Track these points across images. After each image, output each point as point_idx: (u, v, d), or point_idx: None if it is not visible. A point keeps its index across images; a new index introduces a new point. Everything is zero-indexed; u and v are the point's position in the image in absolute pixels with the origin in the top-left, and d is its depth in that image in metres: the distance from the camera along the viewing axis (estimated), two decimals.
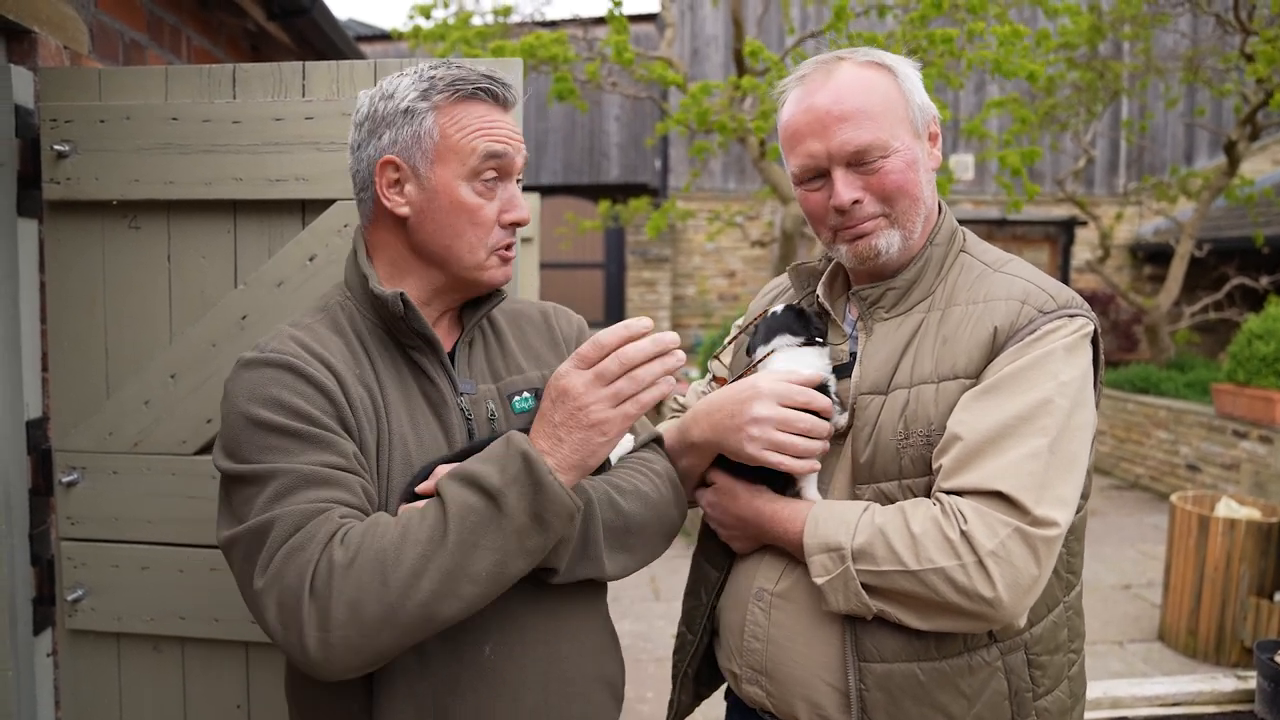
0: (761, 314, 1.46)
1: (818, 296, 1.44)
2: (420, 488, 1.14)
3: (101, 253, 1.77)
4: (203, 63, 2.25)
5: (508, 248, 1.27)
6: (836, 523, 1.23)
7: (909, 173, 1.29)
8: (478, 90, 1.21)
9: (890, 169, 1.27)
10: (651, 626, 4.71)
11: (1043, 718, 1.28)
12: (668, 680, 1.62)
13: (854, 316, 1.40)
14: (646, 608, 4.99)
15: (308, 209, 1.74)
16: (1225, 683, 2.76)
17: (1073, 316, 1.25)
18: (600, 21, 7.94)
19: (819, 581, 1.22)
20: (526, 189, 3.19)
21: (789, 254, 6.86)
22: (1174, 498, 4.65)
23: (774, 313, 1.40)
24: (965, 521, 1.14)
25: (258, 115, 1.70)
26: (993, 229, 10.51)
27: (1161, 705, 2.69)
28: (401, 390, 1.23)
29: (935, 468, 1.22)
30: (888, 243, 1.31)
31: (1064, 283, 1.58)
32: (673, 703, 1.57)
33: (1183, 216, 9.27)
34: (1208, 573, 4.35)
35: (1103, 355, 1.31)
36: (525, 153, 1.29)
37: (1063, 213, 10.64)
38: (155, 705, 1.83)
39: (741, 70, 6.43)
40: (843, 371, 1.35)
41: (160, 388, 1.75)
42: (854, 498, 1.29)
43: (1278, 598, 4.21)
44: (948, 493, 1.19)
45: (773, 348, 1.36)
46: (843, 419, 1.32)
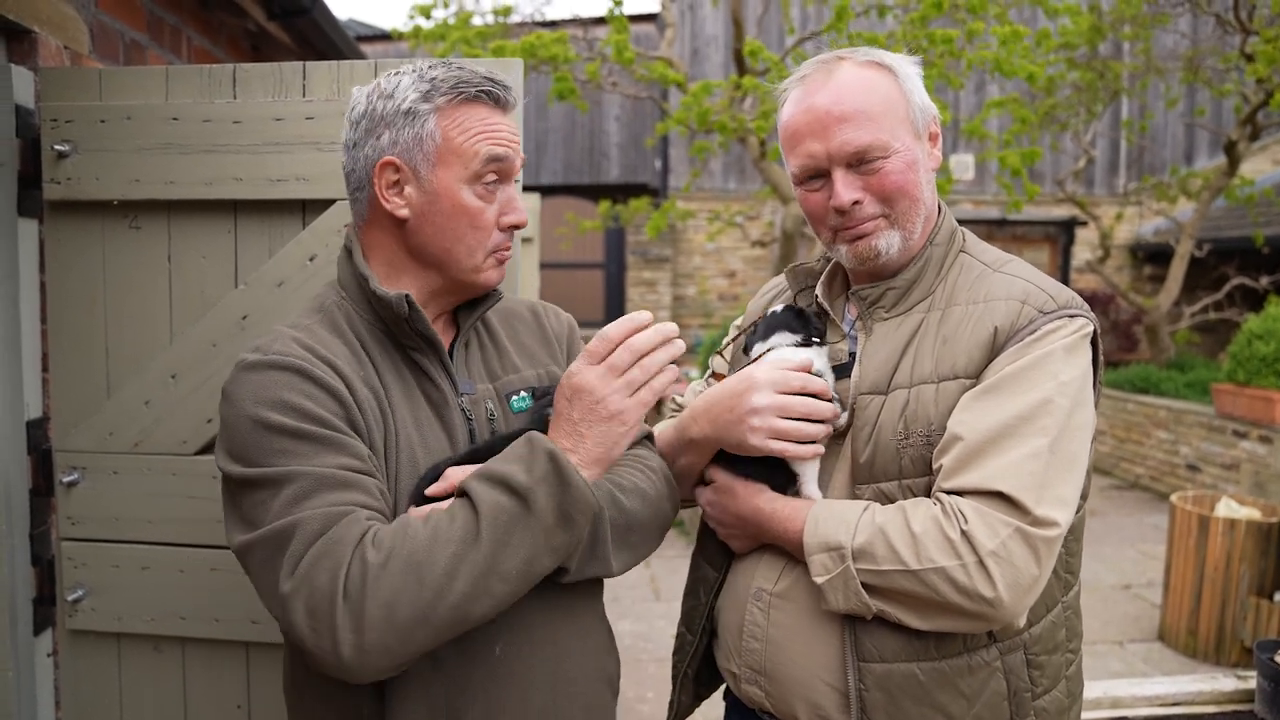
0: (761, 314, 1.46)
1: (816, 296, 1.44)
2: (431, 490, 1.13)
3: (102, 253, 1.77)
4: (203, 63, 2.25)
5: (505, 250, 1.27)
6: (837, 522, 1.23)
7: (909, 173, 1.29)
8: (480, 93, 1.21)
9: (890, 169, 1.27)
10: (651, 626, 4.71)
11: (1041, 717, 1.28)
12: (668, 680, 1.61)
13: (853, 316, 1.40)
14: (646, 608, 4.99)
15: (308, 209, 1.74)
16: (1225, 683, 2.77)
17: (1073, 317, 1.25)
18: (600, 21, 7.93)
19: (819, 581, 1.22)
20: (526, 189, 3.20)
21: (789, 254, 6.86)
22: (1174, 498, 4.66)
23: (774, 311, 1.40)
24: (966, 521, 1.15)
25: (258, 115, 1.70)
26: (993, 229, 10.51)
27: (1161, 705, 2.69)
28: (404, 391, 1.22)
29: (935, 468, 1.22)
30: (888, 243, 1.31)
31: (1064, 283, 1.58)
32: (673, 703, 1.57)
33: (1183, 216, 9.26)
34: (1208, 573, 4.35)
35: (1102, 355, 1.31)
36: (523, 155, 1.29)
37: (1063, 213, 10.64)
38: (155, 705, 1.83)
39: (741, 70, 6.44)
40: (842, 371, 1.35)
41: (161, 388, 1.75)
42: (854, 497, 1.29)
43: (1278, 598, 4.21)
44: (948, 493, 1.19)
45: (770, 345, 1.36)
46: (843, 419, 1.32)
